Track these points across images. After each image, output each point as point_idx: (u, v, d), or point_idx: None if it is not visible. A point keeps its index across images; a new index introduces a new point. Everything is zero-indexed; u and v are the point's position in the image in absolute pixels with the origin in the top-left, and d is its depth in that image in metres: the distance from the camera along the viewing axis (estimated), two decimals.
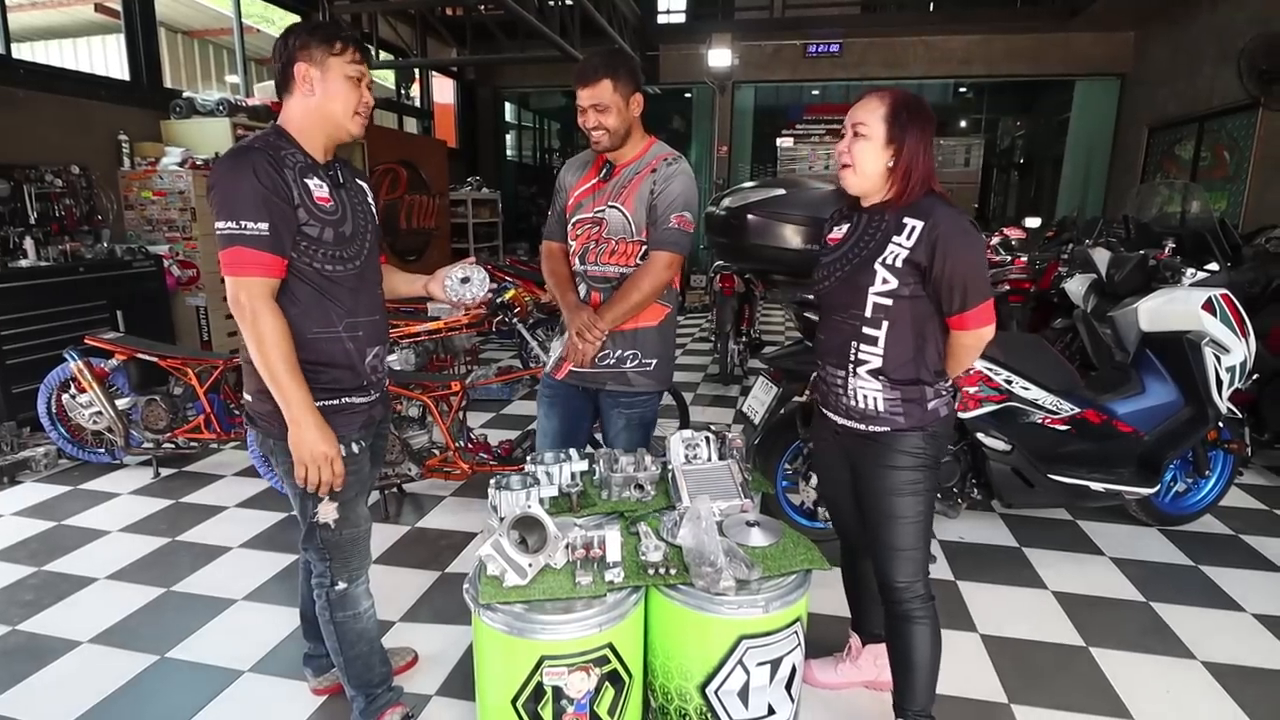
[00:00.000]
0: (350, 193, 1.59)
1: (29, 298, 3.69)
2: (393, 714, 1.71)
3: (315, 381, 1.50)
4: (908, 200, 1.52)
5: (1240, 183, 6.26)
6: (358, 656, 1.68)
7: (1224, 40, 6.41)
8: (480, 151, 10.27)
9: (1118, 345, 2.88)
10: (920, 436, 1.58)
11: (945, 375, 1.62)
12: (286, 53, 1.47)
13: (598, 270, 2.03)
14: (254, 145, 1.45)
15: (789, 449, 2.62)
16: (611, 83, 1.88)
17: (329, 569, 1.62)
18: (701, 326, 7.36)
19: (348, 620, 1.65)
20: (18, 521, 2.94)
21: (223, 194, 1.41)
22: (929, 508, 1.64)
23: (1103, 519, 2.99)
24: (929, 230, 1.47)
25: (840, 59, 9.07)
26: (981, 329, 1.53)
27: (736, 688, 1.53)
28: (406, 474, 3.00)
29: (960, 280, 1.48)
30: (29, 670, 2.02)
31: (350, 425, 1.58)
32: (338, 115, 1.50)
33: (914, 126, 1.50)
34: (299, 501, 1.59)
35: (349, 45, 1.49)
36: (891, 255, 1.52)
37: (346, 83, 1.49)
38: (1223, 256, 2.82)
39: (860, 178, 1.55)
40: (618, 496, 1.81)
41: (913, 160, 1.50)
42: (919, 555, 1.63)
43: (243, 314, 1.42)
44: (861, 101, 1.56)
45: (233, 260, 1.40)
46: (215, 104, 5.05)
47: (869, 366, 1.58)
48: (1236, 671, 2.06)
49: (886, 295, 1.53)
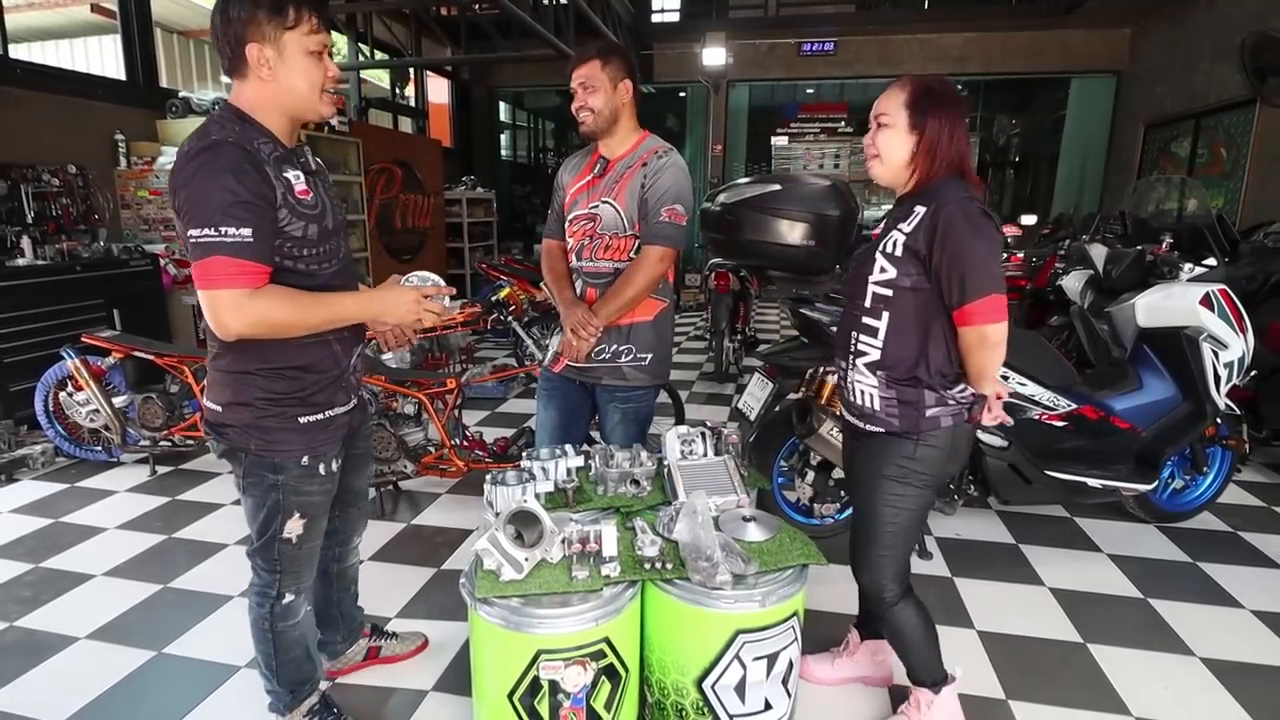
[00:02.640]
0: (322, 179, 1.47)
1: (26, 296, 3.69)
2: (311, 698, 1.67)
3: (300, 392, 1.42)
4: (927, 185, 1.47)
5: (1237, 179, 6.26)
6: (291, 660, 1.61)
7: (1221, 36, 6.42)
8: (475, 151, 10.27)
9: (1115, 341, 2.88)
10: (912, 445, 1.51)
11: (957, 381, 1.52)
12: (232, 31, 1.27)
13: (592, 266, 2.04)
14: (224, 139, 1.26)
15: (784, 445, 2.62)
16: (600, 62, 1.92)
17: (277, 581, 1.53)
18: (696, 325, 7.36)
19: (287, 630, 1.58)
20: (15, 519, 2.94)
21: (194, 198, 1.22)
22: (913, 522, 1.58)
23: (1100, 516, 2.99)
24: (930, 216, 1.42)
25: (835, 57, 9.07)
26: (987, 326, 1.40)
27: (733, 682, 1.53)
28: (402, 471, 3.00)
29: (959, 269, 1.39)
30: (27, 665, 2.02)
31: (332, 441, 1.51)
32: (302, 97, 1.33)
33: (936, 110, 1.45)
34: (262, 515, 1.48)
35: (303, 12, 1.28)
36: (891, 242, 1.48)
37: (308, 59, 1.30)
38: (1220, 252, 2.82)
39: (887, 168, 1.52)
40: (613, 492, 1.80)
41: (935, 145, 1.45)
42: (887, 564, 1.59)
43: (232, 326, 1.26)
44: (885, 92, 1.53)
45: (208, 272, 1.22)
46: (211, 103, 5.04)
47: (867, 359, 1.55)
48: (1235, 668, 2.05)
49: (885, 285, 1.48)
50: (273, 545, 1.49)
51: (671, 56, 9.30)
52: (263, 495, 1.46)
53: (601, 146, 2.04)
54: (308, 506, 1.50)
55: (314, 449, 1.46)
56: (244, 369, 1.39)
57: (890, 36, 8.91)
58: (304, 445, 1.44)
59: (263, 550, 1.51)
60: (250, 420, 1.40)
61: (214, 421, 1.45)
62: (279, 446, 1.42)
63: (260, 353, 1.38)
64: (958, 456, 1.58)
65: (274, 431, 1.42)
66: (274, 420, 1.41)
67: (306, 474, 1.47)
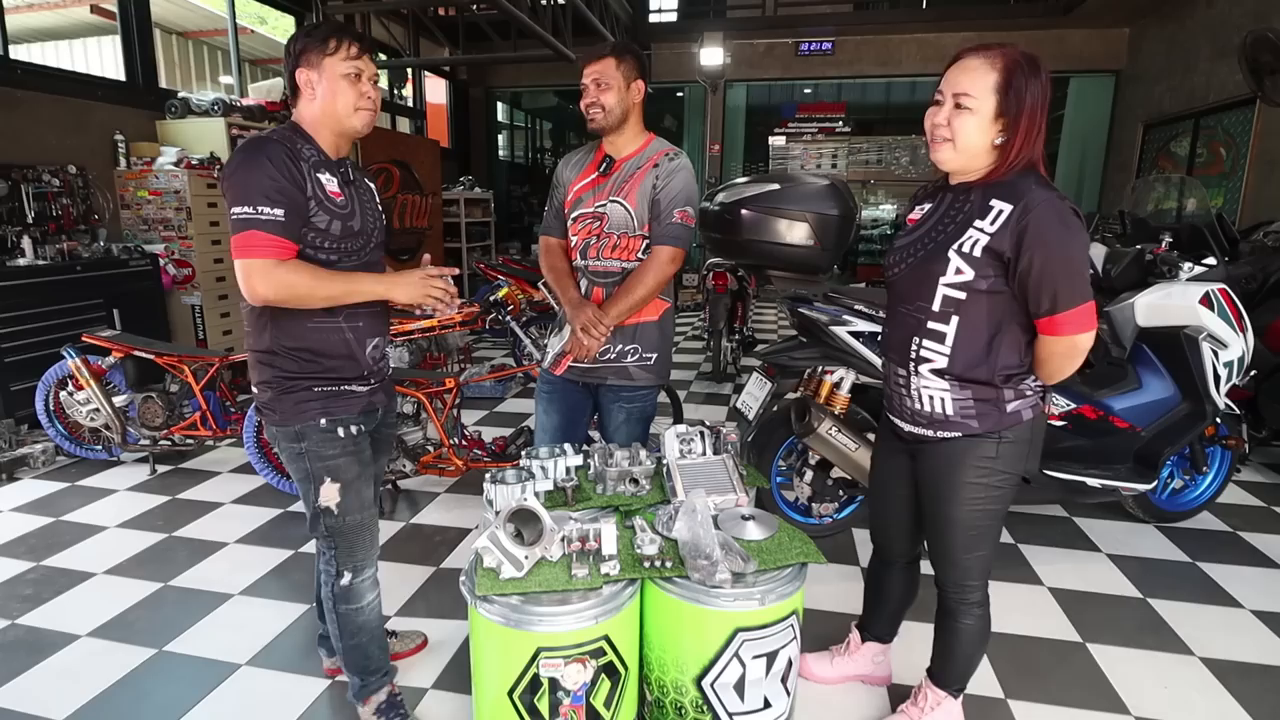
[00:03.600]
0: (360, 190, 1.63)
1: (27, 296, 3.69)
2: (379, 694, 1.75)
3: (315, 369, 1.55)
4: (1002, 177, 1.33)
5: (1236, 179, 6.26)
6: (356, 646, 1.72)
7: (1220, 36, 6.42)
8: (473, 151, 10.26)
9: (1114, 341, 2.87)
10: (994, 443, 1.41)
11: (1029, 374, 1.43)
12: (291, 61, 1.53)
13: (600, 265, 2.03)
14: (271, 138, 1.48)
15: (783, 445, 2.62)
16: (615, 60, 1.92)
17: (334, 558, 1.65)
18: (694, 325, 7.36)
19: (350, 613, 1.68)
20: (16, 517, 2.94)
21: (238, 181, 1.43)
22: (996, 520, 1.49)
23: (1099, 515, 2.99)
24: (1018, 216, 1.29)
25: (832, 57, 9.07)
26: (1078, 335, 1.32)
27: (732, 681, 1.53)
28: (401, 470, 3.00)
29: (1052, 278, 1.28)
30: (28, 663, 2.03)
31: (351, 408, 1.61)
32: (339, 113, 1.54)
33: (1030, 95, 1.27)
34: (302, 488, 1.62)
35: (343, 42, 1.52)
36: (970, 241, 1.33)
37: (343, 81, 1.52)
38: (1220, 251, 2.82)
39: (960, 154, 1.34)
40: (613, 491, 1.81)
41: (1027, 138, 1.29)
42: (974, 564, 1.53)
43: (261, 290, 1.43)
44: (963, 63, 1.31)
45: (245, 243, 1.42)
46: (210, 104, 5.05)
47: (933, 365, 1.42)
48: (1235, 668, 2.05)
49: (959, 287, 1.35)
50: (319, 519, 1.62)
51: (669, 56, 9.29)
52: (296, 466, 1.60)
53: (606, 145, 2.02)
54: (335, 470, 1.59)
55: (330, 413, 1.57)
56: (267, 348, 1.55)
57: (888, 36, 8.90)
58: (321, 409, 1.57)
59: (313, 524, 1.64)
60: (274, 394, 1.56)
61: (257, 404, 1.63)
62: (297, 413, 1.56)
63: (278, 336, 1.53)
64: (1037, 449, 1.50)
65: (293, 401, 1.56)
66: (292, 393, 1.56)
67: (326, 437, 1.58)
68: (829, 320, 2.41)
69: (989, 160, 1.35)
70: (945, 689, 1.68)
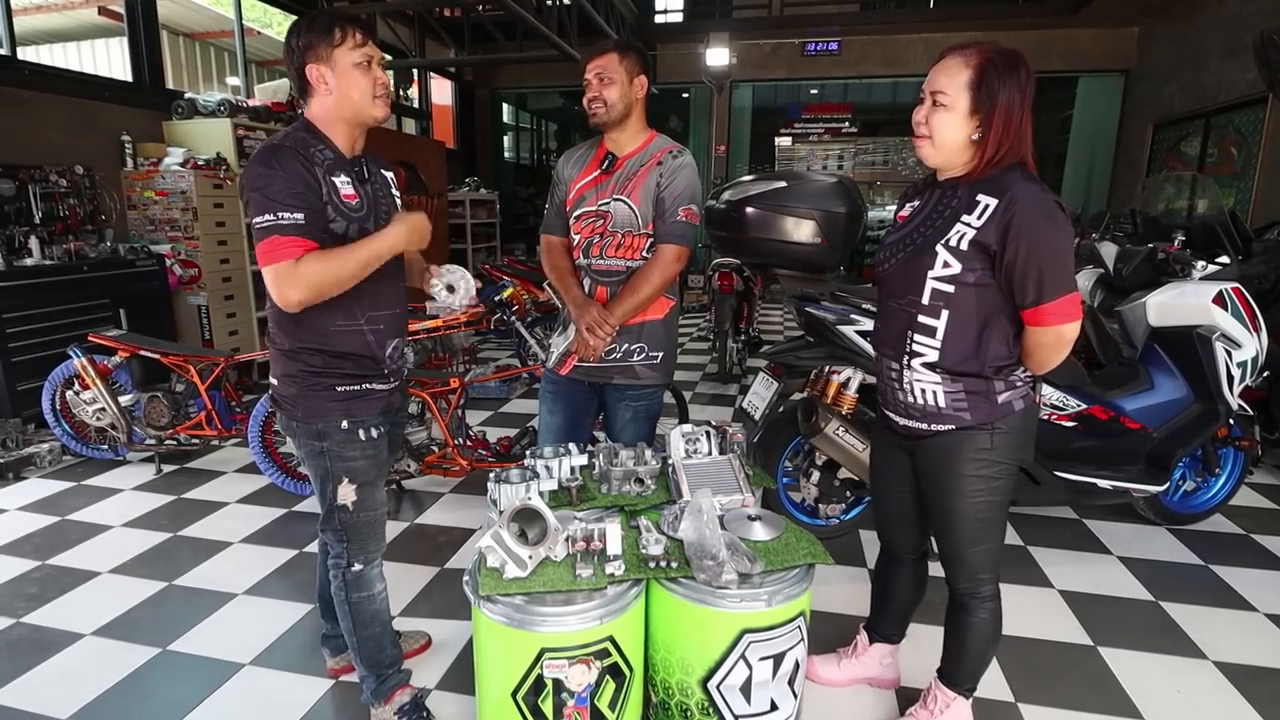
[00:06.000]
0: (375, 186, 1.62)
1: (33, 296, 3.70)
2: (402, 694, 1.75)
3: (338, 369, 1.56)
4: (988, 173, 1.36)
5: (1248, 179, 6.20)
6: (370, 637, 1.72)
7: (1230, 34, 6.36)
8: (478, 152, 10.26)
9: (1125, 341, 2.84)
10: (988, 435, 1.45)
11: (1018, 365, 1.46)
12: (296, 59, 1.49)
13: (604, 264, 2.01)
14: (284, 144, 1.46)
15: (789, 445, 2.60)
16: (618, 55, 1.91)
17: (346, 550, 1.66)
18: (700, 325, 7.34)
19: (362, 601, 1.69)
20: (22, 516, 2.95)
21: (257, 191, 1.42)
22: (999, 511, 1.51)
23: (1110, 518, 2.96)
24: (1003, 209, 1.32)
25: (839, 57, 9.03)
26: (1063, 326, 1.35)
27: (739, 683, 1.51)
28: (406, 470, 3.00)
29: (1037, 270, 1.31)
30: (34, 662, 2.03)
31: (372, 410, 1.62)
32: (357, 104, 1.51)
33: (1004, 92, 1.31)
34: (319, 484, 1.63)
35: (348, 30, 1.48)
36: (957, 236, 1.37)
37: (356, 71, 1.49)
38: (1233, 249, 2.78)
39: (939, 151, 1.40)
40: (617, 490, 1.79)
41: (1002, 131, 1.32)
42: (982, 558, 1.54)
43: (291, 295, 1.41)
44: (942, 63, 1.37)
45: (269, 249, 1.40)
46: (216, 105, 5.06)
47: (924, 359, 1.46)
48: (1249, 671, 2.03)
49: (947, 281, 1.39)
50: (334, 514, 1.63)
51: (675, 57, 9.28)
52: (315, 464, 1.61)
53: (608, 142, 2.01)
54: (355, 472, 1.61)
55: (352, 414, 1.58)
56: (291, 346, 1.55)
57: (895, 36, 8.87)
58: (343, 410, 1.58)
59: (327, 519, 1.65)
60: (296, 392, 1.56)
61: (274, 395, 1.63)
62: (320, 413, 1.57)
63: (302, 334, 1.53)
64: (1031, 440, 1.52)
65: (316, 401, 1.56)
66: (315, 391, 1.56)
67: (347, 439, 1.59)
68: (836, 319, 2.39)
69: (969, 156, 1.39)
70: (956, 689, 1.67)
